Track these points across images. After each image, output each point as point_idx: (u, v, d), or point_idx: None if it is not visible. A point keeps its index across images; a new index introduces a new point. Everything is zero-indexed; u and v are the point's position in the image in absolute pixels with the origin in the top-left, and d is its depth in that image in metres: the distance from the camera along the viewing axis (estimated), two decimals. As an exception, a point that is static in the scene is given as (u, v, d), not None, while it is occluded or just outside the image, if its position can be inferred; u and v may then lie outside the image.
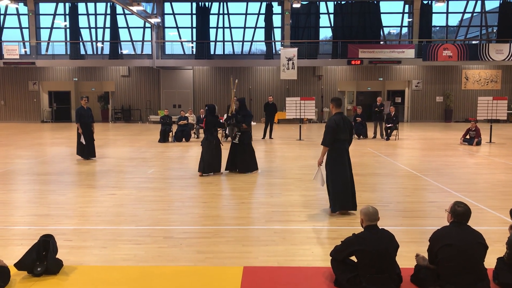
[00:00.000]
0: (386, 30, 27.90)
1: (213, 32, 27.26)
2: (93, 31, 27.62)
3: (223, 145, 9.84)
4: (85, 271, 4.29)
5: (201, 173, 9.22)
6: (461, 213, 3.79)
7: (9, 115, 27.13)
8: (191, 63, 26.50)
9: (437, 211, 6.42)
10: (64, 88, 27.72)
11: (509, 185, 8.32)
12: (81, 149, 11.37)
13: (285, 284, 3.99)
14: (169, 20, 27.63)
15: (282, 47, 25.09)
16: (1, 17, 27.30)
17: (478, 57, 24.34)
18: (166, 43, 27.49)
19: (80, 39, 27.24)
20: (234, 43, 27.60)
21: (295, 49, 23.85)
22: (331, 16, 26.96)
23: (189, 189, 8.06)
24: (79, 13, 27.07)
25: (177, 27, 27.56)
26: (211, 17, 27.11)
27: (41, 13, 27.69)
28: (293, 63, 23.53)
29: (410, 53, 24.80)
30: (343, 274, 3.87)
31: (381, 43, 26.93)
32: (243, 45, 27.54)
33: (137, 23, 27.39)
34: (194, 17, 27.21)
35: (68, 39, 27.28)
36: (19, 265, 4.12)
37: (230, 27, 27.40)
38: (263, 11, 26.91)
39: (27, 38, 27.41)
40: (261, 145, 14.55)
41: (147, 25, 26.58)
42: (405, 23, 27.51)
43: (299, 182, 8.58)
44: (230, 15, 27.38)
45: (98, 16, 27.49)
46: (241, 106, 9.69)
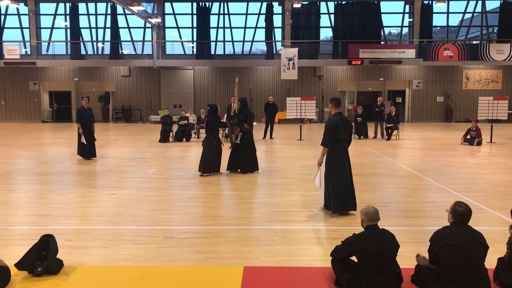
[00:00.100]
0: (386, 30, 27.91)
1: (213, 32, 27.27)
2: (94, 31, 27.63)
3: (224, 145, 9.85)
4: (86, 271, 4.30)
5: (201, 173, 9.22)
6: (461, 213, 3.79)
7: (9, 115, 27.16)
8: (192, 63, 26.51)
9: (438, 211, 6.42)
10: (64, 88, 27.75)
11: (510, 185, 8.31)
12: (82, 150, 11.37)
13: (286, 284, 3.99)
14: (169, 20, 27.66)
15: (282, 47, 25.09)
16: (2, 17, 27.31)
17: (478, 57, 24.33)
18: (166, 43, 27.50)
19: (80, 39, 27.26)
20: (234, 43, 27.61)
21: (296, 49, 23.85)
22: (332, 16, 26.95)
23: (190, 189, 8.06)
24: (80, 13, 27.09)
25: (178, 27, 27.58)
26: (212, 17, 27.12)
27: (41, 13, 27.70)
28: (293, 63, 23.52)
29: (410, 53, 24.80)
30: (344, 274, 3.87)
31: (382, 43, 26.92)
32: (243, 45, 27.55)
33: (138, 23, 27.42)
34: (194, 17, 27.21)
35: (68, 39, 27.29)
36: (20, 265, 4.12)
37: (230, 27, 27.40)
38: (263, 11, 26.92)
39: (27, 38, 27.43)
40: (261, 145, 14.54)
41: (148, 25, 26.59)
42: (406, 23, 27.50)
43: (300, 182, 8.58)
44: (230, 15, 27.38)
45: (98, 16, 27.51)
46: (243, 106, 9.68)
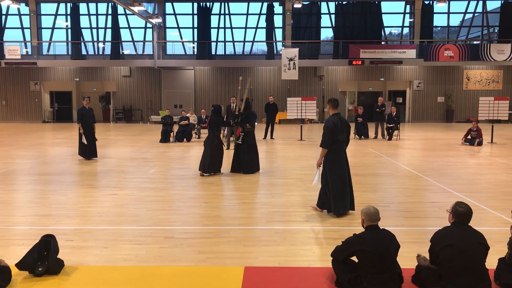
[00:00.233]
0: (387, 30, 27.91)
1: (214, 32, 27.29)
2: (95, 31, 27.64)
3: (225, 145, 9.84)
4: (86, 271, 4.30)
5: (201, 172, 9.23)
6: (462, 213, 3.79)
7: (10, 115, 27.18)
8: (192, 63, 26.52)
9: (438, 212, 6.42)
10: (65, 88, 27.77)
11: (510, 186, 8.30)
12: (83, 150, 11.38)
13: (286, 284, 3.99)
14: (170, 20, 27.67)
15: (283, 47, 25.09)
16: (3, 17, 27.33)
17: (479, 57, 24.31)
18: (167, 43, 27.51)
19: (81, 39, 27.28)
20: (235, 43, 27.61)
21: (296, 49, 23.84)
22: (332, 16, 26.95)
23: (190, 189, 8.07)
24: (81, 13, 27.14)
25: (178, 27, 27.59)
26: (212, 17, 27.13)
27: (42, 13, 27.73)
28: (294, 63, 23.51)
29: (411, 53, 24.79)
30: (344, 274, 3.87)
31: (383, 43, 26.92)
32: (244, 45, 27.55)
33: (139, 23, 27.43)
34: (195, 17, 27.23)
35: (69, 39, 27.31)
36: (21, 265, 4.12)
37: (231, 27, 27.41)
38: (264, 11, 26.92)
39: (28, 38, 27.45)
40: (262, 145, 14.54)
41: (149, 25, 26.60)
42: (407, 23, 27.49)
43: (300, 182, 8.57)
44: (231, 15, 27.39)
45: (99, 16, 27.52)
46: (245, 106, 9.66)
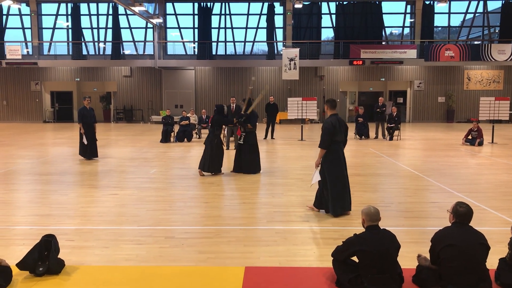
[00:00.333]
0: (388, 30, 27.90)
1: (215, 32, 27.29)
2: (95, 31, 27.65)
3: (224, 145, 9.83)
4: (87, 271, 4.30)
5: (200, 171, 9.24)
6: (463, 213, 3.79)
7: (11, 115, 27.20)
8: (193, 63, 26.52)
9: (439, 212, 6.41)
10: (66, 88, 27.79)
11: (511, 186, 8.30)
12: (84, 150, 11.38)
13: (287, 284, 3.99)
14: (171, 20, 27.67)
15: (284, 48, 25.09)
16: (4, 17, 27.35)
17: (480, 57, 24.29)
18: (168, 43, 27.52)
19: (82, 40, 27.30)
20: (236, 43, 27.61)
21: (297, 50, 23.84)
22: (333, 16, 26.93)
23: (191, 189, 8.07)
24: (81, 13, 27.15)
25: (179, 28, 27.60)
26: (213, 17, 27.13)
27: (43, 13, 27.75)
28: (295, 64, 23.51)
29: (412, 53, 24.77)
30: (345, 274, 3.87)
31: (383, 43, 26.90)
32: (245, 45, 27.55)
33: (139, 23, 27.43)
34: (196, 17, 27.23)
35: (70, 40, 27.33)
36: (21, 265, 4.13)
37: (232, 28, 27.41)
38: (265, 11, 26.91)
39: (29, 38, 27.46)
40: (262, 145, 14.53)
41: (149, 25, 26.61)
42: (407, 24, 27.47)
43: (301, 182, 8.57)
44: (232, 16, 27.39)
45: (100, 16, 27.53)
46: (248, 105, 9.65)
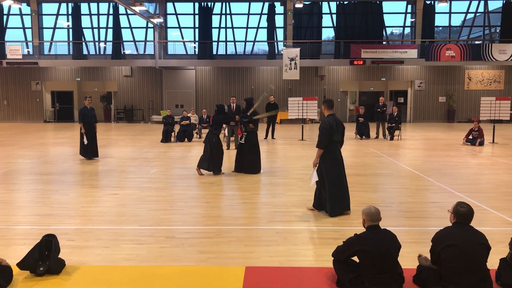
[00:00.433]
0: (388, 30, 27.87)
1: (215, 32, 27.28)
2: (96, 31, 27.66)
3: (225, 144, 9.82)
4: (87, 271, 4.30)
5: (198, 169, 9.28)
6: (463, 213, 3.78)
7: (12, 115, 27.21)
8: (194, 63, 26.53)
9: (440, 212, 6.41)
10: (66, 88, 27.80)
11: (512, 186, 8.30)
12: (84, 150, 11.38)
13: (287, 284, 3.99)
14: (171, 20, 27.67)
15: (284, 47, 25.08)
16: (4, 17, 27.36)
17: (481, 57, 24.27)
18: (168, 43, 27.52)
19: (82, 39, 27.31)
20: (236, 43, 27.61)
21: (298, 49, 23.83)
22: (334, 16, 26.91)
23: (191, 189, 8.07)
24: (82, 13, 27.15)
25: (180, 27, 27.60)
26: (214, 17, 27.12)
27: (44, 13, 27.76)
28: (295, 63, 23.50)
29: (412, 53, 24.76)
30: (345, 274, 3.86)
31: (384, 43, 26.88)
32: (245, 45, 27.55)
33: (140, 23, 27.45)
34: (196, 17, 27.23)
35: (71, 39, 27.34)
36: (22, 265, 4.13)
37: (232, 27, 27.41)
38: (265, 11, 26.90)
39: (30, 38, 27.47)
40: (263, 145, 14.52)
41: (150, 25, 26.61)
42: (408, 23, 27.46)
43: (301, 182, 8.56)
44: (232, 15, 27.38)
45: (100, 16, 27.53)
46: (248, 106, 9.64)
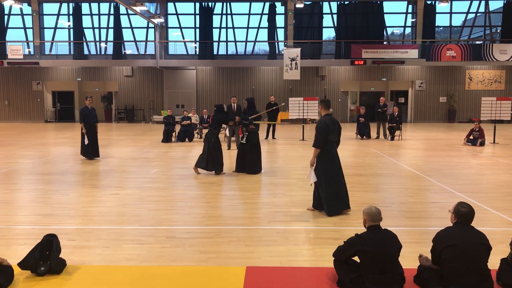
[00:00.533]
0: (389, 30, 27.85)
1: (216, 32, 27.28)
2: (97, 31, 27.67)
3: (225, 144, 9.82)
4: (88, 270, 4.30)
5: (196, 168, 9.31)
6: (464, 213, 3.78)
7: (13, 115, 27.23)
8: (194, 63, 26.53)
9: (440, 212, 6.41)
10: (67, 88, 27.82)
11: (513, 186, 8.29)
12: (85, 150, 11.39)
13: (288, 284, 3.99)
14: (172, 20, 27.69)
15: (285, 47, 25.07)
16: (5, 17, 27.39)
17: (481, 57, 24.24)
18: (169, 43, 27.52)
19: (83, 39, 27.33)
20: (237, 43, 27.61)
21: (298, 49, 23.82)
22: (334, 16, 26.91)
23: (192, 189, 8.07)
24: (83, 13, 27.18)
25: (180, 27, 27.60)
26: (214, 17, 27.13)
27: (45, 13, 27.78)
28: (296, 63, 23.49)
29: (413, 53, 24.74)
30: (346, 274, 3.86)
31: (385, 43, 26.87)
32: (246, 45, 27.55)
33: (141, 23, 27.46)
34: (197, 17, 27.23)
35: (71, 39, 27.36)
36: (23, 265, 4.13)
37: (233, 27, 27.41)
38: (266, 11, 26.90)
39: (31, 38, 27.49)
40: (264, 145, 14.51)
41: (151, 25, 26.63)
42: (409, 23, 27.45)
43: (302, 182, 8.55)
44: (233, 15, 27.39)
45: (101, 16, 27.55)
46: (250, 106, 9.62)
